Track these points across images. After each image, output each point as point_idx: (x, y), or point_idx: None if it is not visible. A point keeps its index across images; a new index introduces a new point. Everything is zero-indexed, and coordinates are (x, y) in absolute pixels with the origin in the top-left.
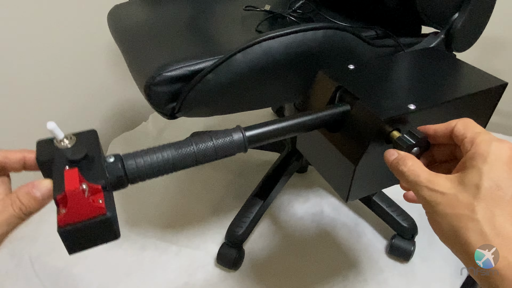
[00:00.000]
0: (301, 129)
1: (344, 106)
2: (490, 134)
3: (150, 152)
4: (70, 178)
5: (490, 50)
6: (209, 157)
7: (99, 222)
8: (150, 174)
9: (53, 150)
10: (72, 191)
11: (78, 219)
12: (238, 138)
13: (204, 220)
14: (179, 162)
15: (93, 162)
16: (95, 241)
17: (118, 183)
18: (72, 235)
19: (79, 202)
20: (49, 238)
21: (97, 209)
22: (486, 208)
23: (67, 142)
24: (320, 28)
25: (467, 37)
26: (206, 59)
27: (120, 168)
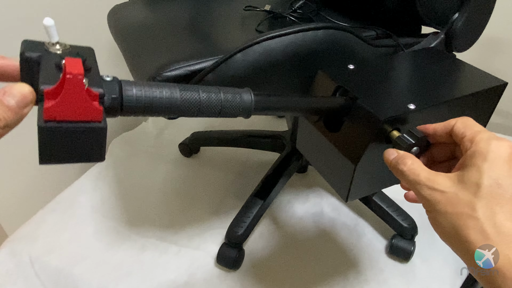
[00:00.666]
0: (306, 108)
1: (347, 99)
2: (489, 133)
3: (152, 85)
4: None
5: (490, 50)
6: (212, 109)
7: (91, 130)
8: (146, 108)
9: (42, 51)
10: (74, 75)
11: (69, 117)
12: (247, 99)
13: (204, 220)
14: (181, 105)
15: (90, 72)
16: (77, 155)
17: (110, 107)
18: (54, 135)
19: (77, 94)
20: (49, 238)
21: (94, 111)
22: (487, 206)
23: (60, 47)
24: (320, 28)
25: (467, 37)
26: (206, 59)
27: (116, 89)
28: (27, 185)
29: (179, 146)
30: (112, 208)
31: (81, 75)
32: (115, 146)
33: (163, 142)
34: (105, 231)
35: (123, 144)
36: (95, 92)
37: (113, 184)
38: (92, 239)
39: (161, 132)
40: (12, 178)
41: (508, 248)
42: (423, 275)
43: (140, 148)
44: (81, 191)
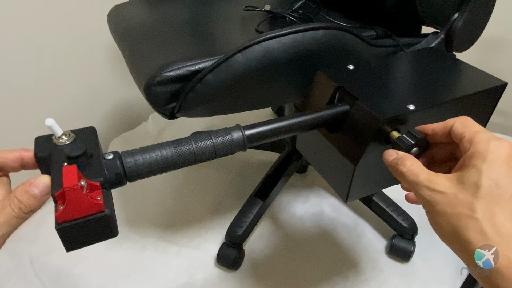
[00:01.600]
0: (301, 128)
1: (343, 106)
2: (488, 133)
3: (149, 149)
4: (68, 175)
5: (490, 50)
6: (208, 156)
7: (97, 219)
8: (149, 172)
9: (51, 146)
10: (70, 188)
11: (76, 216)
12: (238, 137)
13: (204, 220)
14: (178, 160)
15: (92, 159)
16: (93, 238)
17: (116, 181)
18: (70, 232)
19: (77, 198)
20: (49, 238)
21: (95, 206)
22: (486, 206)
23: (66, 138)
24: (320, 28)
25: (467, 37)
26: (206, 59)
27: (118, 165)
28: None
29: None
30: None
31: (76, 185)
32: (115, 146)
33: None
34: None
35: (123, 144)
36: (95, 183)
37: None
38: None
39: (161, 132)
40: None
41: (507, 249)
42: (423, 275)
43: None
44: None
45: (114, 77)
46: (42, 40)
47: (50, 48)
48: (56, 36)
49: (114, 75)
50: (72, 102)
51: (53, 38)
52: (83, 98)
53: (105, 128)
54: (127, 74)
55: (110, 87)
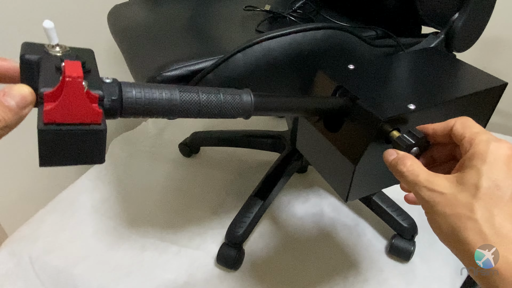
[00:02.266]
0: (306, 109)
1: (347, 100)
2: (488, 134)
3: (152, 86)
4: (72, 67)
5: (490, 50)
6: (212, 110)
7: (91, 132)
8: (146, 110)
9: (42, 53)
10: (74, 78)
11: (68, 120)
12: (246, 99)
13: (204, 220)
14: (180, 106)
15: (90, 74)
16: (77, 157)
17: (110, 109)
18: (54, 138)
19: (77, 97)
20: (49, 238)
21: (93, 114)
22: (485, 207)
23: (60, 49)
24: (320, 28)
25: (467, 37)
26: (206, 59)
27: (116, 92)
28: (27, 185)
29: (179, 146)
30: (112, 208)
31: (81, 78)
32: (115, 146)
33: (163, 142)
34: (105, 231)
35: (123, 144)
36: (94, 94)
37: (113, 184)
38: (92, 239)
39: (161, 132)
40: (12, 178)
41: (506, 250)
42: (423, 275)
43: (140, 148)
44: (81, 191)
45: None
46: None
47: None
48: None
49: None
50: None
51: None
52: None
53: None
54: (127, 74)
55: None
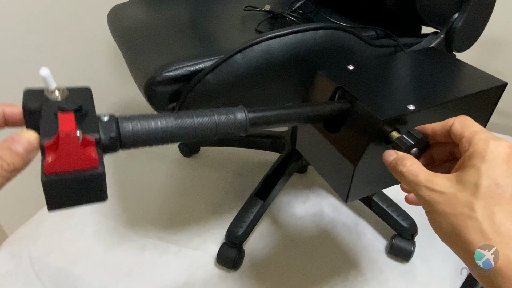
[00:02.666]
0: (303, 118)
1: (345, 103)
2: (487, 133)
3: (148, 117)
4: (65, 121)
5: (490, 50)
6: (208, 133)
7: (89, 177)
8: (145, 141)
9: (42, 100)
10: (67, 133)
11: (67, 169)
12: (241, 117)
13: (204, 220)
14: (177, 133)
15: (87, 117)
16: (81, 198)
17: (110, 145)
18: (57, 186)
19: (72, 148)
20: (49, 238)
21: (90, 160)
22: (486, 206)
23: (58, 94)
24: (320, 28)
25: (467, 37)
26: (206, 59)
27: (114, 128)
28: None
29: (179, 146)
30: (112, 208)
31: (74, 131)
32: None
33: None
34: (105, 231)
35: None
36: (91, 138)
37: (113, 184)
38: (92, 239)
39: None
40: None
41: (507, 248)
42: (423, 275)
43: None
44: None
45: (114, 77)
46: (42, 40)
47: (50, 48)
48: (56, 36)
49: (114, 75)
50: None
51: (53, 38)
52: None
53: None
54: (127, 74)
55: (110, 87)
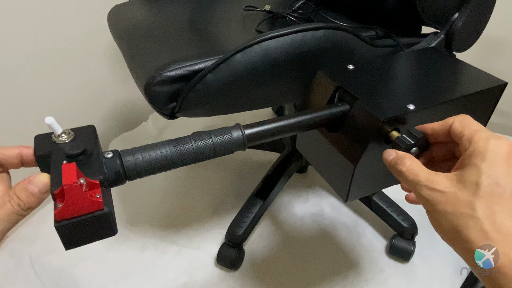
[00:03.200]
0: (301, 128)
1: (343, 106)
2: (488, 131)
3: (148, 148)
4: (67, 173)
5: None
6: (208, 155)
7: (97, 217)
8: (148, 171)
9: (51, 144)
10: (69, 186)
11: (75, 214)
12: (237, 136)
13: (204, 220)
14: (177, 159)
15: (91, 157)
16: (92, 236)
17: (116, 179)
18: (69, 230)
19: (77, 196)
20: (49, 238)
21: (94, 204)
22: (486, 205)
23: (65, 137)
24: (320, 28)
25: (467, 37)
26: (206, 59)
27: (118, 164)
28: None
29: None
30: None
31: (75, 183)
32: (115, 146)
33: None
34: None
35: (123, 144)
36: (95, 181)
37: None
38: None
39: (161, 132)
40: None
41: (508, 247)
42: (423, 275)
43: None
44: None
45: (114, 77)
46: (42, 40)
47: (50, 48)
48: (56, 36)
49: (114, 75)
50: (72, 102)
51: (53, 38)
52: (83, 98)
53: (105, 128)
54: (127, 74)
55: (110, 87)
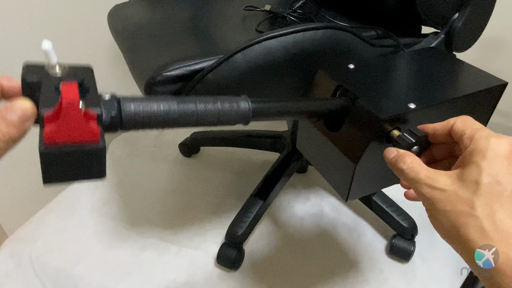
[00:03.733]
0: (305, 112)
1: (347, 100)
2: (488, 130)
3: (150, 100)
4: (69, 90)
5: (490, 50)
6: (210, 119)
7: (89, 151)
8: (146, 123)
9: (42, 74)
10: (70, 102)
11: (67, 140)
12: (244, 107)
13: (204, 220)
14: (179, 118)
15: (88, 93)
16: (78, 174)
17: (110, 124)
18: (55, 158)
19: (74, 118)
20: (49, 238)
21: (91, 133)
22: (486, 204)
23: (60, 69)
24: (320, 28)
25: (467, 37)
26: (206, 59)
27: (115, 107)
28: (27, 185)
29: (179, 146)
30: (112, 208)
31: (77, 101)
32: (115, 146)
33: (163, 142)
34: (105, 231)
35: (123, 144)
36: (92, 113)
37: (113, 184)
38: (92, 239)
39: (161, 132)
40: (12, 178)
41: (507, 246)
42: (423, 275)
43: (140, 148)
44: (81, 191)
45: (114, 77)
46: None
47: None
48: (56, 36)
49: (114, 75)
50: None
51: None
52: None
53: None
54: (127, 74)
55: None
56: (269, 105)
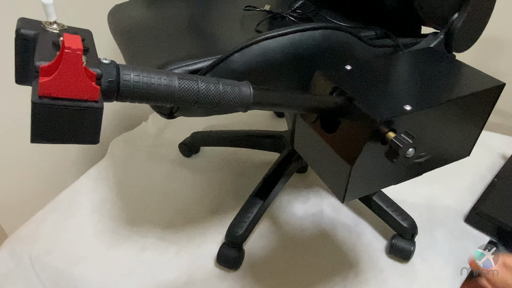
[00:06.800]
0: (304, 105)
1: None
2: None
3: (151, 71)
4: (72, 40)
5: (490, 50)
6: (210, 100)
7: (86, 109)
8: (143, 95)
9: (39, 29)
10: (73, 50)
11: (65, 94)
12: (245, 92)
13: (204, 220)
14: (179, 93)
15: (88, 53)
16: (70, 135)
17: (106, 91)
18: (48, 113)
19: (75, 70)
20: (49, 238)
21: (91, 90)
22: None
23: (57, 27)
24: (318, 28)
25: (467, 37)
26: (204, 59)
27: (114, 73)
28: (27, 185)
29: (179, 146)
30: (112, 208)
31: (80, 50)
32: (115, 146)
33: (163, 142)
34: (105, 231)
35: (123, 144)
36: (92, 72)
37: (113, 184)
38: (92, 239)
39: (161, 132)
40: (12, 178)
41: None
42: (423, 275)
43: (140, 148)
44: (81, 191)
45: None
46: None
47: None
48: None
49: None
50: None
51: None
52: None
53: (105, 128)
54: None
55: None
56: (270, 93)
